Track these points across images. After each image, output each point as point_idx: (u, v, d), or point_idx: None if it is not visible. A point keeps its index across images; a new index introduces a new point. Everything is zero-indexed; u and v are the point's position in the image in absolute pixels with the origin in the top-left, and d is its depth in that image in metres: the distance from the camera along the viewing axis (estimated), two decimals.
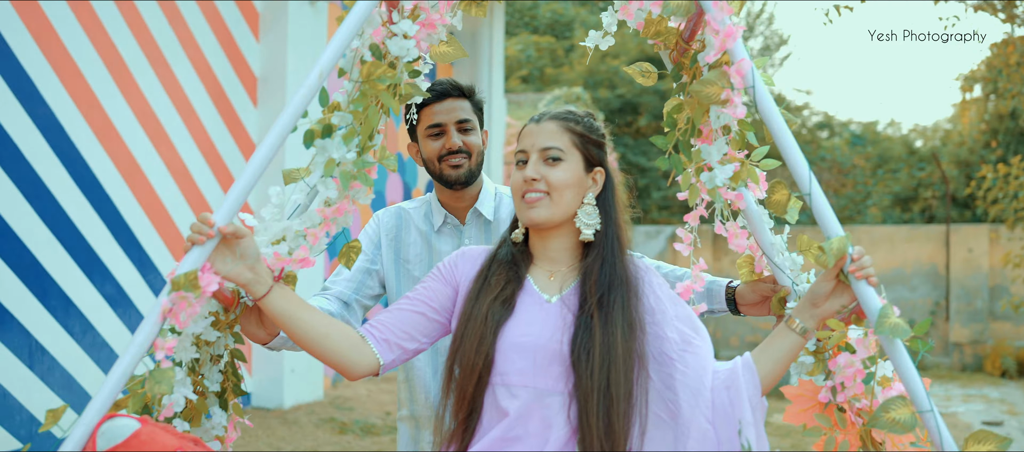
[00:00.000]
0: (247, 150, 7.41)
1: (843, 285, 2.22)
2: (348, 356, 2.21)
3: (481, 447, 2.13)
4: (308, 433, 6.99)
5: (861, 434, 2.21)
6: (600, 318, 2.15)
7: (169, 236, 6.66)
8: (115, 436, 2.03)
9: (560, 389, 2.13)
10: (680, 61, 2.41)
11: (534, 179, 2.24)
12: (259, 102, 7.56)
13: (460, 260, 2.35)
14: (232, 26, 7.26)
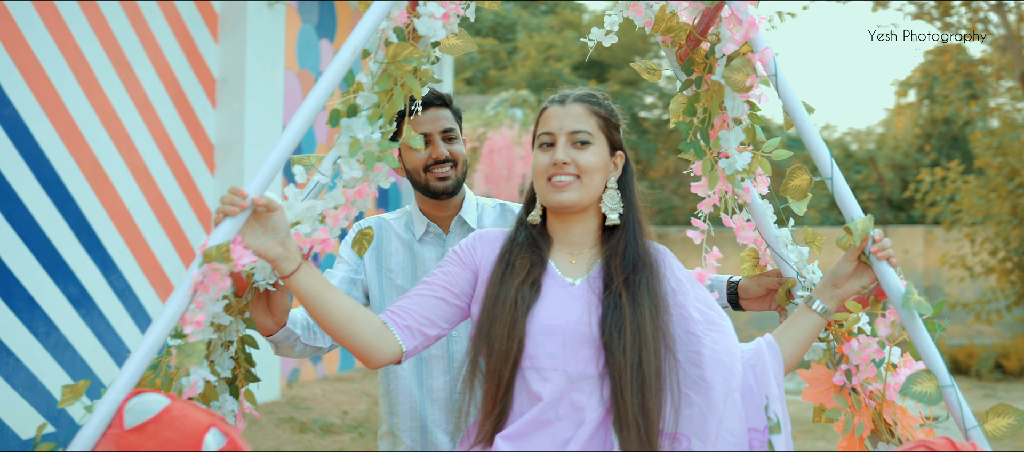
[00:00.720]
0: (206, 151, 7.44)
1: (863, 266, 2.29)
2: (371, 342, 2.17)
3: (515, 430, 2.13)
4: (268, 433, 7.05)
5: (873, 416, 2.32)
6: (628, 298, 2.16)
7: (131, 237, 6.67)
8: (145, 411, 1.97)
9: (591, 372, 2.13)
10: (690, 57, 2.48)
11: (564, 162, 2.24)
12: (218, 103, 7.59)
13: (478, 243, 2.34)
14: (192, 27, 7.29)
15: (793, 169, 2.40)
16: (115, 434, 1.97)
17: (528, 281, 2.20)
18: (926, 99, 17.45)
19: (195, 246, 7.32)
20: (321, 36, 9.15)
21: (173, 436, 1.93)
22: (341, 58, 2.15)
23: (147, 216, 6.84)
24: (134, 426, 1.95)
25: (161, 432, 1.94)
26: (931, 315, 2.23)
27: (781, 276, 2.54)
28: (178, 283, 6.77)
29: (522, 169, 14.17)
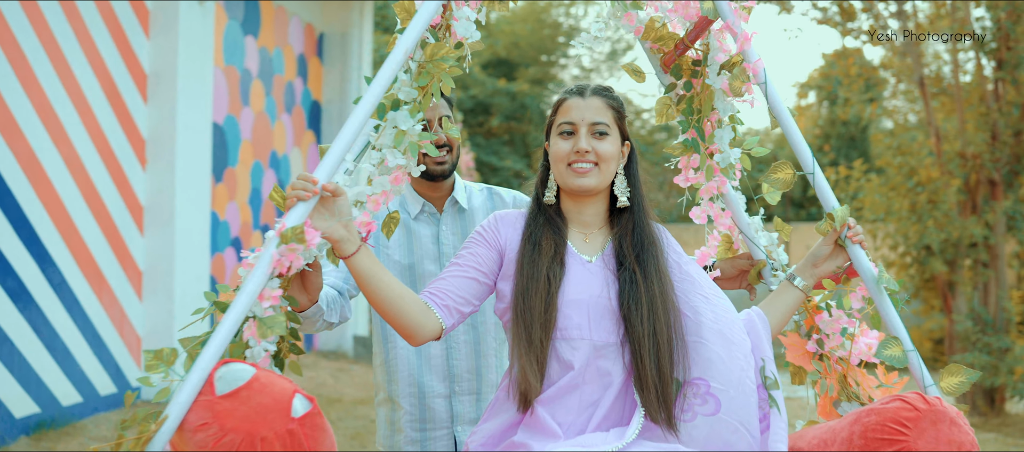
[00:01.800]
0: (138, 146, 7.48)
1: (839, 248, 2.66)
2: (418, 319, 2.39)
3: (550, 395, 2.39)
4: None
5: (839, 378, 2.69)
6: (640, 274, 2.44)
7: (66, 231, 6.70)
8: (235, 379, 2.13)
9: (613, 340, 2.41)
10: (677, 63, 2.77)
11: (586, 151, 2.49)
12: (149, 98, 7.63)
13: (501, 225, 2.56)
14: (125, 24, 7.33)
15: (778, 164, 2.74)
16: (208, 400, 2.13)
17: (556, 260, 2.46)
18: (826, 101, 18.11)
19: (127, 240, 7.36)
20: (246, 33, 9.22)
21: (265, 401, 2.11)
22: (394, 58, 2.39)
23: (82, 210, 6.87)
24: (226, 393, 2.12)
25: (253, 398, 2.11)
26: (896, 291, 2.62)
27: (752, 258, 2.84)
28: (111, 278, 6.79)
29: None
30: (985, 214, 10.25)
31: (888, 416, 2.37)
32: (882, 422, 2.37)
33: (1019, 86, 10.12)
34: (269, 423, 2.09)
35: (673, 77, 2.81)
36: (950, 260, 10.41)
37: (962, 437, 2.38)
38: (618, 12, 2.68)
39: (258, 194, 9.53)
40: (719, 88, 2.68)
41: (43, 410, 6.52)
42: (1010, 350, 9.93)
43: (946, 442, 2.33)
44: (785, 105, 2.71)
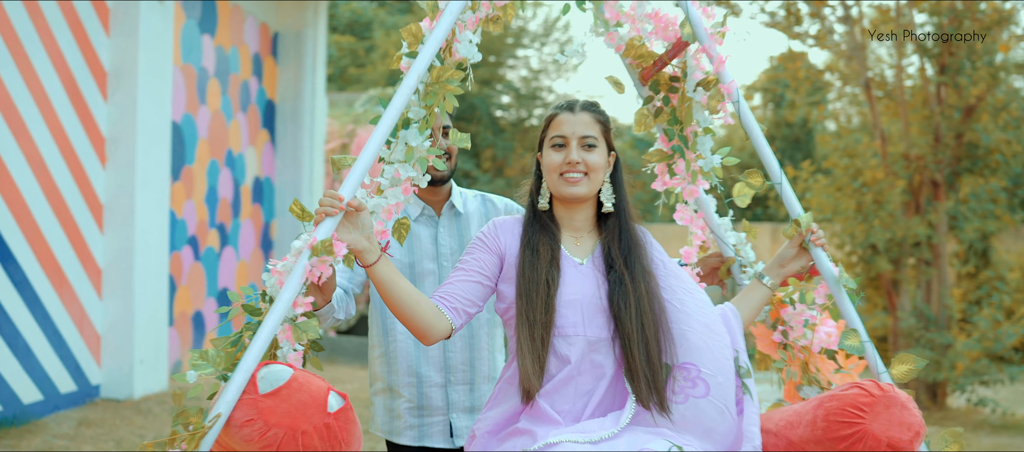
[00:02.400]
0: (98, 143, 7.47)
1: (803, 250, 2.98)
2: (431, 321, 2.63)
3: (550, 387, 2.64)
4: (165, 421, 7.14)
5: (801, 364, 3.01)
6: (628, 276, 2.69)
7: (28, 228, 6.68)
8: (276, 379, 2.36)
9: (605, 335, 2.67)
10: (655, 78, 3.02)
11: (577, 162, 2.73)
12: (109, 97, 7.62)
13: (500, 231, 2.80)
14: (85, 22, 7.32)
15: (750, 171, 2.99)
16: (251, 399, 2.35)
17: (553, 264, 2.71)
18: (771, 103, 18.39)
19: (87, 238, 7.35)
20: (203, 32, 9.22)
21: (304, 399, 2.34)
22: (408, 83, 2.63)
23: (43, 207, 6.86)
24: (268, 392, 2.34)
25: (293, 396, 2.34)
26: (854, 289, 2.93)
27: (722, 256, 3.10)
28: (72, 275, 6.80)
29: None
30: (928, 214, 10.54)
31: (847, 401, 2.62)
32: (842, 407, 2.63)
33: (960, 90, 10.42)
34: (308, 418, 2.33)
35: (651, 91, 3.05)
36: (895, 259, 10.69)
37: (911, 419, 2.62)
38: (599, 30, 2.93)
39: (214, 192, 9.53)
40: (698, 101, 2.95)
41: (4, 408, 6.51)
42: (952, 346, 10.21)
43: (897, 424, 2.58)
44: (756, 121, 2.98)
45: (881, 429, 2.58)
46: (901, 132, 10.73)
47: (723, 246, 3.09)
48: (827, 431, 2.64)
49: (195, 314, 9.20)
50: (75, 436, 6.52)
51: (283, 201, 11.10)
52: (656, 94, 3.05)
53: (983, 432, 9.84)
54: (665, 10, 2.94)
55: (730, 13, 11.62)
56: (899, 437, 2.58)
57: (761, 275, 2.97)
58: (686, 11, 2.90)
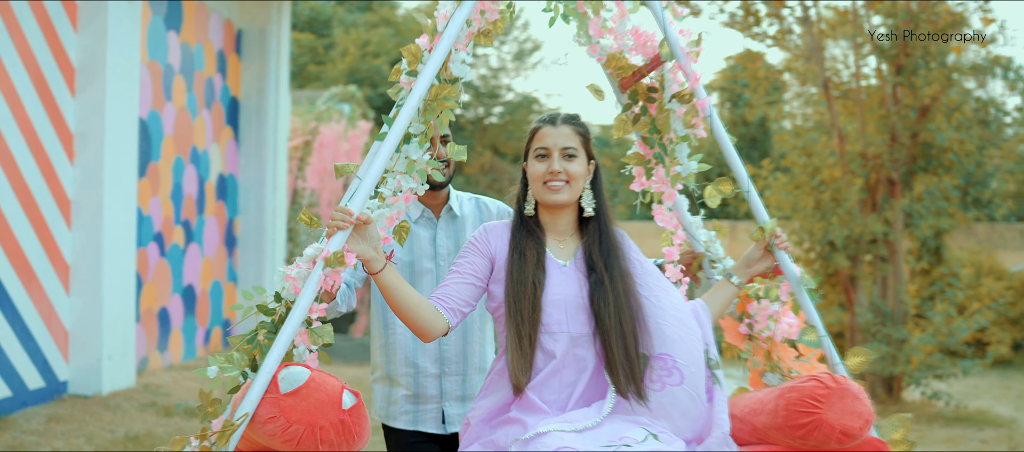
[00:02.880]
0: (65, 138, 7.46)
1: (768, 252, 3.23)
2: (430, 321, 2.87)
3: (537, 381, 2.88)
4: (135, 417, 7.16)
5: (764, 353, 3.28)
6: (607, 277, 2.93)
7: None
8: (295, 380, 2.60)
9: (586, 331, 2.91)
10: (633, 87, 3.28)
11: (559, 172, 2.97)
12: (77, 92, 7.62)
13: (490, 235, 3.03)
14: (53, 17, 7.31)
15: (722, 179, 3.26)
16: (274, 398, 2.60)
17: (538, 266, 2.94)
18: (728, 102, 18.61)
19: (55, 233, 7.34)
20: (169, 28, 9.22)
21: (321, 397, 2.59)
22: (411, 103, 2.86)
23: (10, 201, 6.85)
24: (289, 391, 2.59)
25: (311, 395, 2.59)
26: (813, 288, 3.23)
27: (694, 252, 3.33)
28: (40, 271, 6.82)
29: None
30: (884, 212, 10.77)
31: (806, 392, 2.90)
32: (801, 398, 2.90)
33: (916, 90, 10.65)
34: (325, 415, 2.58)
35: (630, 99, 3.28)
36: (852, 255, 10.90)
37: (863, 409, 2.90)
38: (582, 41, 3.15)
39: (179, 189, 9.53)
40: (675, 112, 3.20)
41: None
42: (907, 341, 10.45)
43: (850, 413, 2.86)
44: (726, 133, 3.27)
45: (835, 418, 2.86)
46: (858, 131, 10.94)
47: (695, 243, 3.33)
48: (787, 419, 2.91)
49: (161, 311, 9.20)
50: (45, 432, 6.52)
51: (247, 198, 11.11)
52: (634, 102, 3.27)
53: (937, 424, 10.07)
54: (644, 27, 3.20)
55: (690, 13, 11.76)
56: (851, 425, 2.86)
57: (729, 274, 3.21)
58: (665, 32, 3.16)
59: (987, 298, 14.48)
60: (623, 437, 2.73)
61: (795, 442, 2.95)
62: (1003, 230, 16.66)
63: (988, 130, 11.67)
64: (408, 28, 23.78)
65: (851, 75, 11.39)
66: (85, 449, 6.27)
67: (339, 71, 21.31)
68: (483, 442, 2.91)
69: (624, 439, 2.73)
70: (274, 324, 2.84)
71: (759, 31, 11.51)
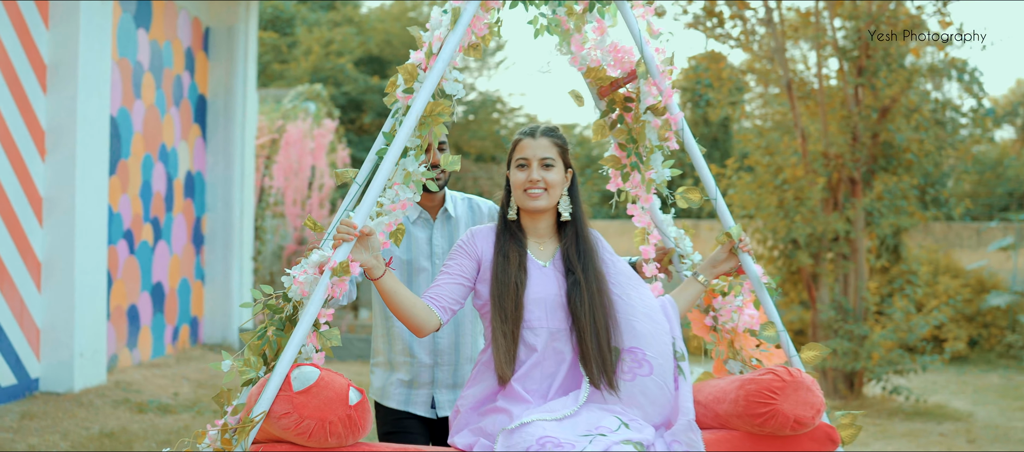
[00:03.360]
0: (37, 135, 7.46)
1: (732, 254, 3.52)
2: (424, 318, 3.14)
3: (521, 373, 3.19)
4: (108, 414, 7.17)
5: (727, 343, 3.62)
6: (583, 278, 3.23)
7: None
8: (306, 379, 2.87)
9: (564, 326, 3.22)
10: (611, 96, 3.58)
11: (537, 181, 3.27)
12: (49, 89, 7.61)
13: (476, 239, 3.33)
14: (25, 14, 7.31)
15: (691, 188, 3.56)
16: (287, 395, 2.86)
17: (521, 267, 3.24)
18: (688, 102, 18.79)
19: (27, 230, 7.34)
20: (138, 26, 9.22)
21: (330, 395, 2.86)
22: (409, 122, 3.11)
23: None
24: (300, 390, 2.85)
25: (321, 393, 2.85)
26: (774, 287, 3.55)
27: (665, 248, 3.65)
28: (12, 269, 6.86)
29: (311, 162, 14.40)
30: (846, 210, 10.96)
31: (763, 385, 3.23)
32: (759, 389, 3.23)
33: (876, 92, 10.85)
34: (334, 410, 2.85)
35: (607, 107, 3.57)
36: (814, 253, 11.08)
37: (814, 399, 3.24)
38: (563, 52, 3.46)
39: (149, 187, 9.53)
40: (650, 123, 3.47)
41: None
42: (868, 337, 10.65)
43: (803, 403, 3.21)
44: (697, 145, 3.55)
45: (790, 408, 3.20)
46: (820, 131, 11.12)
47: (665, 239, 3.63)
48: (747, 408, 3.23)
49: (130, 308, 9.20)
50: (19, 429, 6.53)
51: (214, 196, 11.12)
52: (611, 111, 3.57)
53: (898, 419, 10.28)
54: (622, 42, 3.49)
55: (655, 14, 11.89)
56: (804, 415, 3.21)
57: (696, 273, 3.51)
58: (641, 50, 3.42)
59: (944, 296, 14.76)
60: (598, 426, 3.03)
61: (753, 428, 3.26)
62: (959, 229, 16.96)
63: (944, 131, 11.88)
64: (371, 27, 23.78)
65: (813, 76, 11.57)
66: (61, 446, 6.28)
67: (303, 70, 21.28)
68: (472, 429, 3.18)
69: (599, 428, 3.02)
70: (282, 321, 3.10)
71: (722, 32, 11.66)
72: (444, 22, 3.22)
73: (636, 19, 3.45)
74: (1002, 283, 16.25)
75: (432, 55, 3.20)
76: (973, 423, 10.27)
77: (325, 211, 14.98)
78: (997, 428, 10.06)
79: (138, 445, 6.46)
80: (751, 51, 11.40)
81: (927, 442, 9.21)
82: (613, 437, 2.97)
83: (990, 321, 15.82)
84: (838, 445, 3.37)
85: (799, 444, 3.30)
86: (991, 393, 12.35)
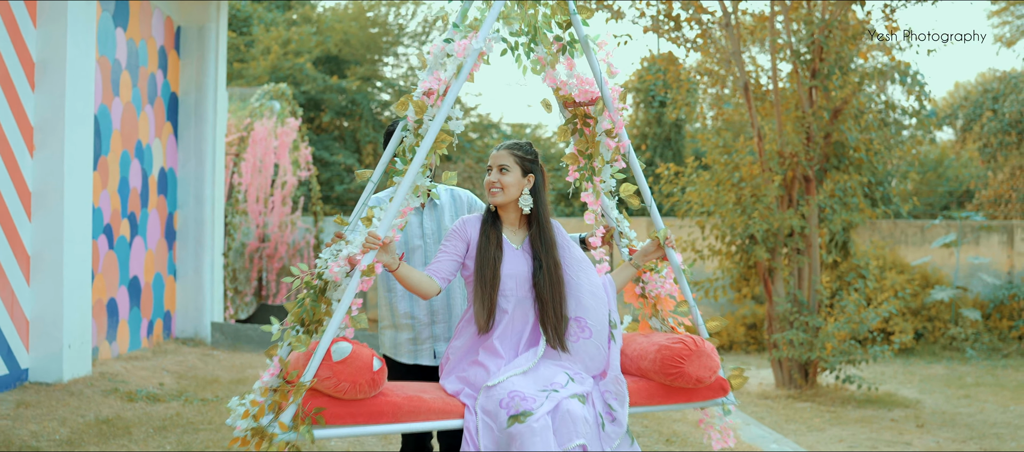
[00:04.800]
0: (26, 131, 7.64)
1: (660, 248, 4.45)
2: (428, 288, 4.10)
3: (499, 330, 4.15)
4: (101, 403, 7.37)
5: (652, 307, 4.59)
6: (546, 260, 4.19)
7: None
8: (343, 352, 3.77)
9: (529, 297, 4.20)
10: (573, 110, 4.43)
11: (495, 182, 4.21)
12: (36, 86, 7.80)
13: (467, 225, 4.25)
14: (15, 11, 7.49)
15: (632, 196, 4.47)
16: (328, 364, 3.76)
17: (498, 247, 4.19)
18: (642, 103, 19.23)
19: (17, 224, 7.52)
20: (116, 25, 9.40)
21: (359, 365, 3.78)
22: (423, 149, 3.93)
23: None
24: (339, 360, 3.76)
25: (354, 362, 3.77)
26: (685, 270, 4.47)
27: (610, 228, 4.58)
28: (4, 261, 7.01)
29: (274, 160, 14.61)
30: (801, 207, 11.41)
31: (675, 352, 4.23)
32: (672, 355, 4.23)
33: (829, 93, 11.32)
34: (363, 375, 3.79)
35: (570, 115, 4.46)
36: (771, 248, 11.52)
37: (713, 364, 4.29)
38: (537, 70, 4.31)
39: (126, 183, 9.70)
40: (604, 143, 4.34)
41: None
42: (822, 328, 11.10)
43: (704, 367, 4.26)
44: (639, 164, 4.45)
45: (693, 370, 4.23)
46: (776, 131, 11.56)
47: (610, 221, 4.56)
48: (661, 368, 4.24)
49: (110, 302, 9.38)
50: (16, 417, 6.72)
51: (185, 193, 11.30)
52: (573, 120, 4.44)
53: (850, 406, 10.75)
54: (586, 73, 4.33)
55: (613, 17, 12.27)
56: (704, 375, 4.26)
57: (632, 261, 4.47)
58: (601, 89, 4.28)
59: (891, 290, 15.31)
60: (552, 382, 3.99)
61: (666, 382, 4.27)
62: (904, 227, 17.55)
63: (889, 132, 12.38)
64: (330, 27, 23.91)
65: (768, 78, 11.99)
66: (60, 432, 6.49)
67: (262, 68, 21.39)
68: (459, 376, 4.13)
69: (553, 384, 3.98)
70: (316, 293, 3.91)
71: (678, 35, 12.04)
72: (449, 66, 4.03)
73: (598, 61, 4.27)
74: (945, 278, 16.88)
75: (438, 95, 4.00)
76: (921, 409, 10.78)
77: (287, 209, 15.19)
78: (944, 413, 10.57)
79: (135, 431, 6.69)
80: (708, 54, 11.80)
81: (879, 427, 9.67)
82: (564, 391, 3.94)
83: (934, 315, 16.42)
84: (728, 392, 4.44)
85: (700, 394, 4.37)
86: (937, 382, 12.89)
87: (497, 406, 3.88)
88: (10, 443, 6.14)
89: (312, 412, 3.77)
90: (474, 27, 4.09)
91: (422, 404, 3.97)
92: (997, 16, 24.36)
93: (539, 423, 3.81)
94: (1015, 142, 19.84)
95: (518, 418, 3.82)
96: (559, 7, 4.23)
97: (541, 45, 4.22)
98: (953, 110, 21.98)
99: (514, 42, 4.21)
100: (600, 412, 4.06)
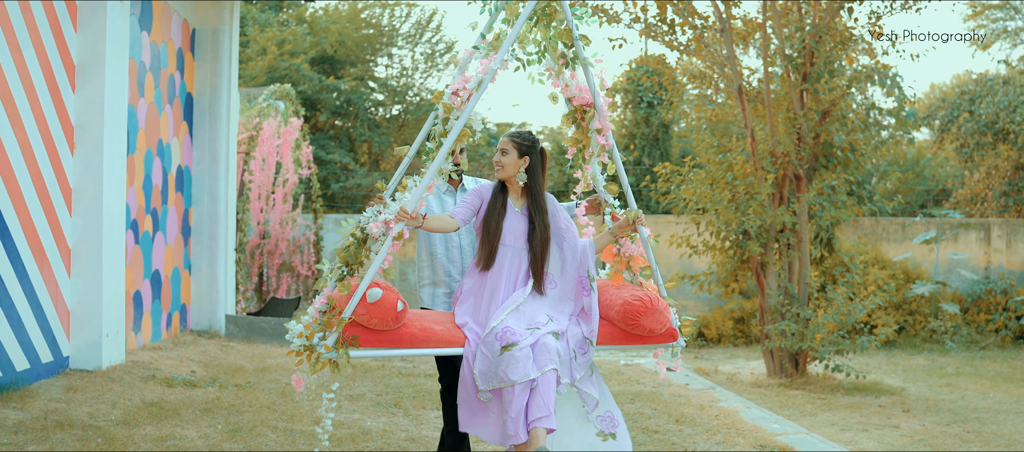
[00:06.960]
0: (68, 129, 8.05)
1: (631, 224, 5.34)
2: (448, 225, 5.12)
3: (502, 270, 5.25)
4: (143, 388, 7.80)
5: (625, 262, 5.52)
6: (538, 221, 5.29)
7: (18, 207, 7.24)
8: (374, 296, 4.85)
9: (524, 248, 5.30)
10: (573, 108, 5.39)
11: (498, 160, 5.29)
12: (77, 87, 8.21)
13: (483, 189, 5.34)
14: (60, 17, 7.90)
15: (612, 186, 5.31)
16: (364, 304, 4.84)
17: (503, 208, 5.30)
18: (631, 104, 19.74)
19: (61, 219, 7.93)
20: (142, 28, 9.80)
21: (388, 305, 4.86)
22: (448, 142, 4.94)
23: (29, 189, 7.43)
24: (372, 302, 4.84)
25: (384, 304, 4.86)
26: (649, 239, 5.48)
27: (599, 198, 5.51)
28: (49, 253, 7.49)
29: (276, 159, 15.01)
30: (792, 204, 11.94)
31: (635, 306, 5.19)
32: (633, 309, 5.18)
33: (818, 96, 11.85)
34: (389, 312, 4.88)
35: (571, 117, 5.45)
36: (764, 243, 12.05)
37: (665, 319, 5.26)
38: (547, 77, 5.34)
39: (149, 180, 10.10)
40: (594, 140, 5.30)
41: (3, 374, 7.08)
42: (812, 319, 11.64)
43: (657, 321, 5.24)
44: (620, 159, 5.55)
45: (648, 323, 5.22)
46: (768, 132, 12.08)
47: (599, 192, 5.48)
48: (623, 319, 5.22)
49: (135, 294, 9.79)
50: (69, 400, 7.14)
51: (200, 189, 11.70)
52: (573, 113, 5.38)
53: (840, 393, 11.29)
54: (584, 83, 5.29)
55: (609, 21, 12.75)
56: (656, 328, 5.24)
57: (610, 230, 5.39)
58: (595, 99, 5.22)
59: (874, 285, 15.88)
60: (534, 321, 5.09)
61: (626, 329, 5.23)
62: (886, 224, 18.14)
63: (871, 133, 12.90)
64: (325, 29, 24.28)
65: (759, 81, 12.51)
66: (113, 413, 6.91)
67: (259, 69, 21.75)
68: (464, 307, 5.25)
69: (535, 322, 5.07)
70: (358, 240, 4.98)
71: (672, 39, 12.52)
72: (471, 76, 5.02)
73: (594, 76, 5.18)
74: (925, 274, 17.49)
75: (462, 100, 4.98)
76: (906, 396, 11.33)
77: (288, 206, 15.59)
78: (928, 400, 11.14)
79: (183, 413, 7.12)
80: (702, 57, 12.29)
81: (868, 412, 10.21)
82: (544, 330, 5.03)
83: (915, 309, 17.02)
84: (677, 338, 5.39)
85: (652, 339, 5.32)
86: (919, 372, 13.47)
87: (493, 338, 4.98)
88: (72, 422, 6.57)
89: (350, 338, 4.86)
90: (494, 47, 5.14)
91: (433, 334, 5.07)
92: (973, 19, 25.01)
93: (522, 352, 4.92)
94: (991, 143, 20.48)
95: (507, 348, 4.93)
96: (566, 32, 5.21)
97: (550, 57, 5.23)
98: (930, 111, 22.59)
99: (526, 60, 5.17)
100: (574, 347, 5.15)
